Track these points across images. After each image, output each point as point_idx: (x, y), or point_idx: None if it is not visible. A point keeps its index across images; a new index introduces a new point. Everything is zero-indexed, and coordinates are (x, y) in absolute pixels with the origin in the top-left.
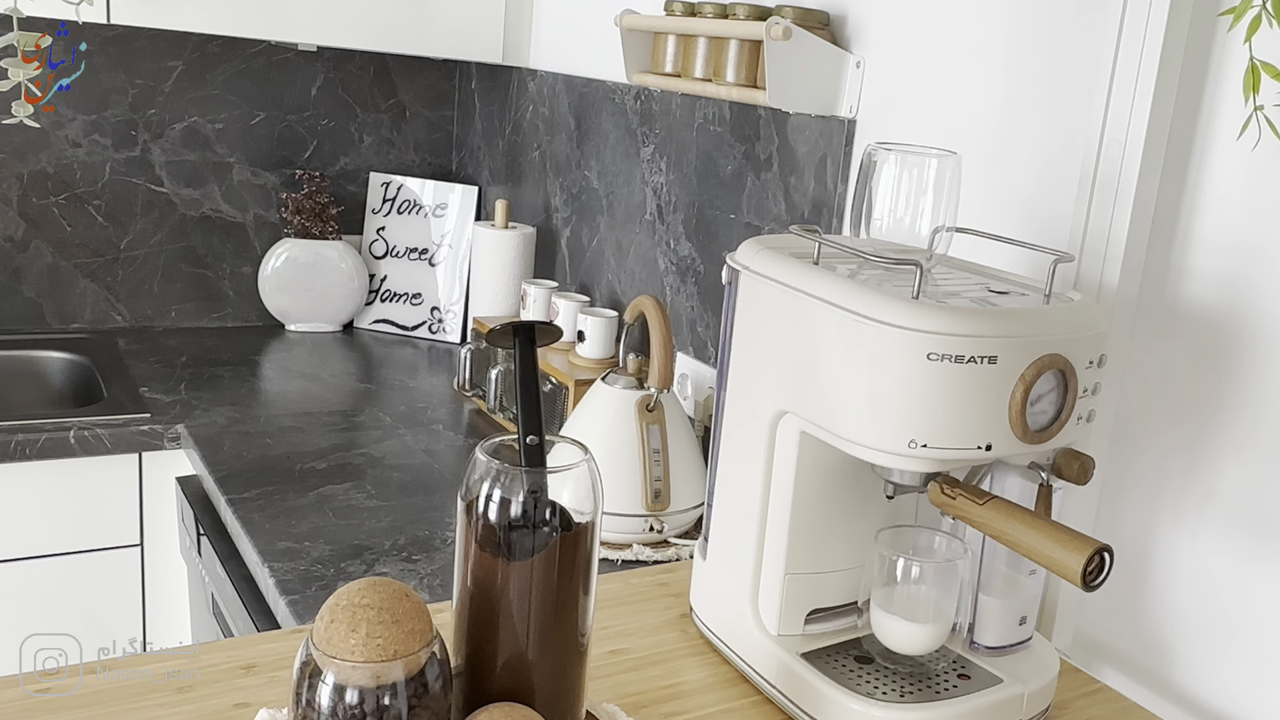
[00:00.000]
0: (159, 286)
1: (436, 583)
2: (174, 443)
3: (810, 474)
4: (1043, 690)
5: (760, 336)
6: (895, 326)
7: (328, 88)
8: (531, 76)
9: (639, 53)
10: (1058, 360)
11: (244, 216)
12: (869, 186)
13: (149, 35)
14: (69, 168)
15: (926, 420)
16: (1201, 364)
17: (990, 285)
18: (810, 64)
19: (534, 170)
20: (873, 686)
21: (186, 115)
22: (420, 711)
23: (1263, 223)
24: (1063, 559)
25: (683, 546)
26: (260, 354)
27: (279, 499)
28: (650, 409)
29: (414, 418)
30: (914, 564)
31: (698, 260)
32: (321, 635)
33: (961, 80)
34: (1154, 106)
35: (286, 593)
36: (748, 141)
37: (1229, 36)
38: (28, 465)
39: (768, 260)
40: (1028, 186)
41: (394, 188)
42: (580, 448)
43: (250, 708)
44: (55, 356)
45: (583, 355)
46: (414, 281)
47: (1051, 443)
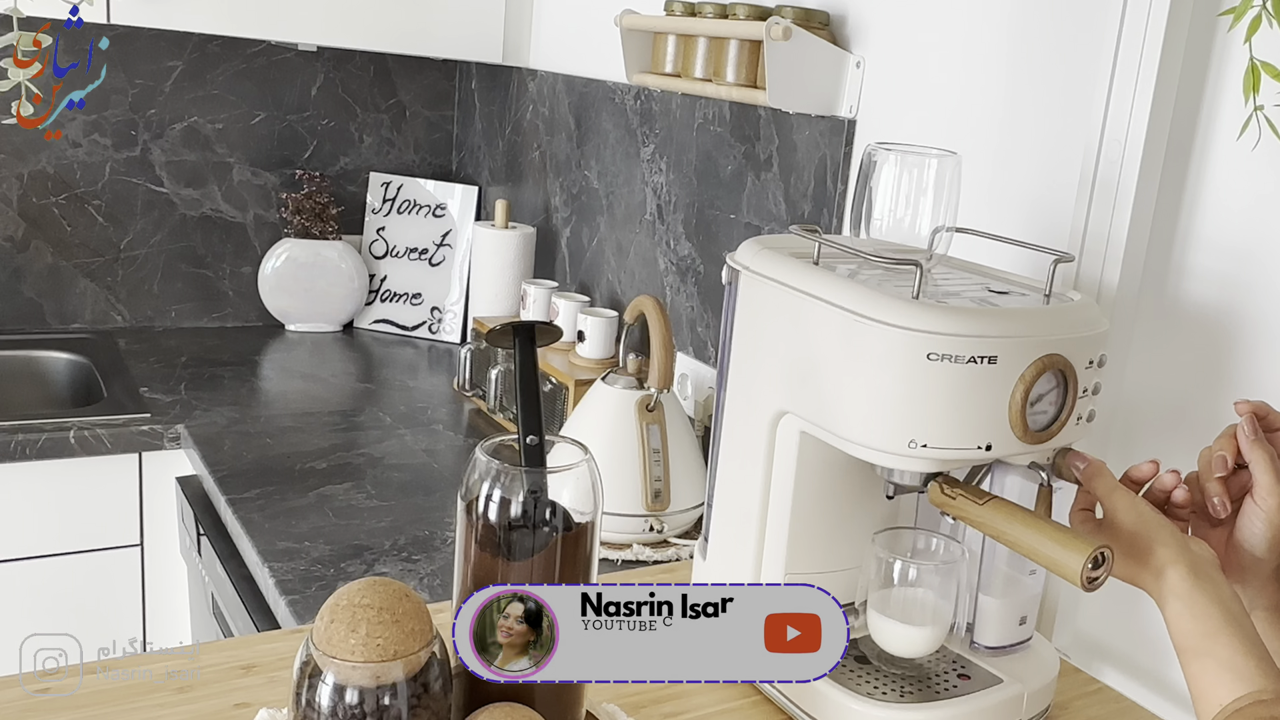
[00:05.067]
0: (159, 286)
1: (436, 583)
2: (174, 443)
3: (810, 474)
4: (1043, 690)
5: (760, 336)
6: (895, 326)
7: (328, 88)
8: (531, 76)
9: (639, 53)
10: (1058, 360)
11: (244, 216)
12: (869, 186)
13: (149, 35)
14: (69, 168)
15: (926, 420)
16: (1201, 364)
17: (990, 285)
18: (810, 64)
19: (534, 170)
20: (872, 686)
21: (186, 115)
22: (420, 711)
23: (1263, 222)
24: (1063, 559)
25: (683, 546)
26: (260, 354)
27: (279, 499)
28: (650, 409)
29: (414, 418)
30: (911, 566)
31: (698, 260)
32: (321, 635)
33: (961, 80)
34: (1154, 106)
35: (286, 593)
36: (748, 141)
37: (1229, 36)
38: (28, 465)
39: (768, 260)
40: (1028, 186)
41: (394, 188)
42: (580, 448)
43: (250, 708)
44: (55, 356)
45: (583, 355)
46: (414, 281)
47: (1051, 443)
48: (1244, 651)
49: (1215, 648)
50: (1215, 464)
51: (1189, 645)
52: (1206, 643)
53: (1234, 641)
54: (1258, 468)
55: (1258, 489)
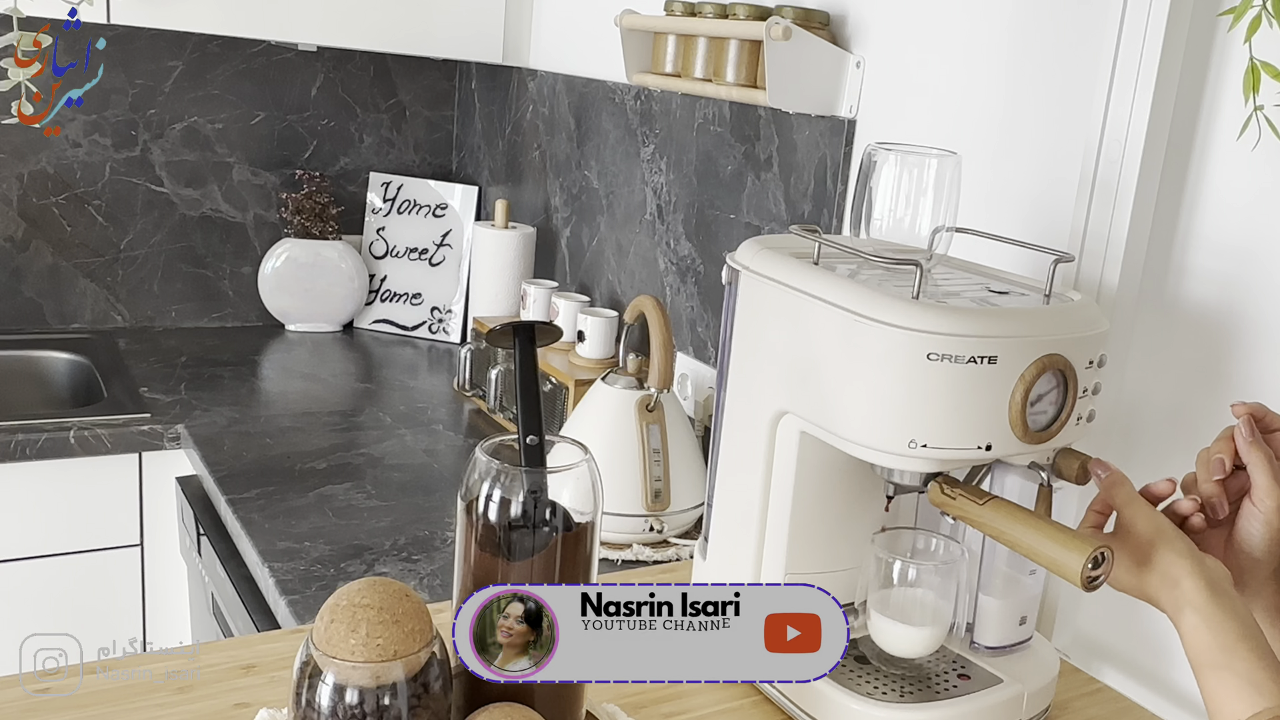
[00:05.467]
0: (159, 286)
1: (436, 583)
2: (174, 443)
3: (810, 474)
4: (1043, 690)
5: (760, 336)
6: (895, 326)
7: (328, 88)
8: (531, 76)
9: (639, 53)
10: (1058, 360)
11: (244, 216)
12: (869, 186)
13: (149, 35)
14: (69, 168)
15: (926, 420)
16: (1201, 364)
17: (990, 285)
18: (810, 64)
19: (534, 170)
20: (872, 686)
21: (186, 115)
22: (420, 711)
23: (1262, 222)
24: (1063, 559)
25: (683, 546)
26: (260, 354)
27: (279, 499)
28: (650, 409)
29: (414, 418)
30: (910, 567)
31: (698, 260)
32: (321, 635)
33: (961, 80)
34: (1154, 106)
35: (286, 593)
36: (748, 141)
37: (1229, 36)
38: (28, 465)
39: (768, 260)
40: (1028, 186)
41: (394, 188)
42: (580, 448)
43: (250, 708)
44: (55, 356)
45: (583, 355)
46: (414, 281)
47: (1051, 443)
48: (1262, 666)
49: (1233, 661)
50: (1213, 466)
51: (1206, 659)
52: (1225, 656)
53: (1252, 656)
54: (1255, 469)
55: (1256, 490)
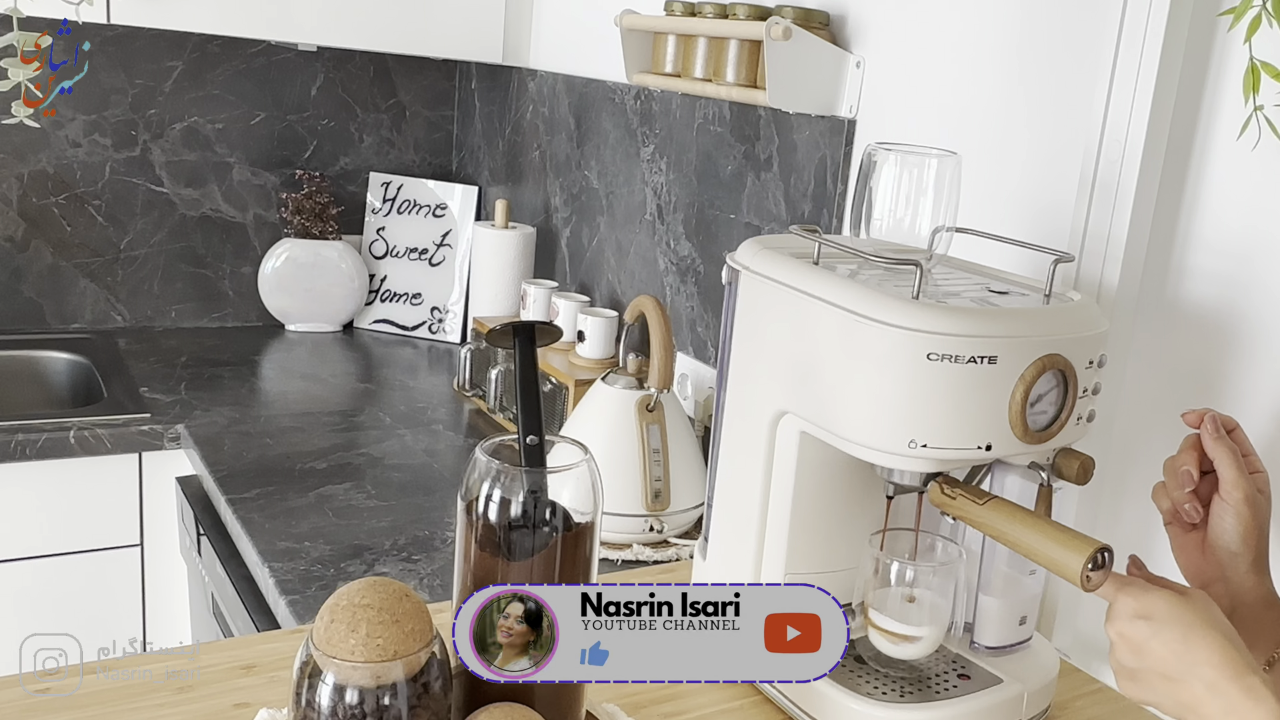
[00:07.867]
0: (159, 286)
1: (436, 583)
2: (174, 443)
3: (810, 474)
4: (1043, 690)
5: (760, 336)
6: (895, 326)
7: (328, 88)
8: (531, 76)
9: (639, 53)
10: (1058, 360)
11: (244, 216)
12: (869, 186)
13: (149, 35)
14: (69, 168)
15: (926, 420)
16: (1201, 364)
17: (990, 285)
18: (810, 64)
19: (534, 170)
20: (872, 686)
21: (186, 115)
22: (420, 712)
23: (1263, 223)
24: (1063, 559)
25: (683, 546)
26: (260, 354)
27: (279, 499)
28: (650, 409)
29: (414, 418)
30: (908, 568)
31: (698, 260)
32: (321, 635)
33: (961, 80)
34: (1154, 106)
35: (286, 593)
36: (748, 141)
37: (1229, 36)
38: (28, 465)
39: (768, 260)
40: (1028, 186)
41: (394, 188)
42: (580, 448)
43: (250, 708)
44: (55, 356)
45: (583, 355)
46: (414, 281)
47: (1051, 443)
48: None
49: None
50: (1181, 479)
51: None
52: None
53: None
54: (1222, 463)
55: (1223, 484)
